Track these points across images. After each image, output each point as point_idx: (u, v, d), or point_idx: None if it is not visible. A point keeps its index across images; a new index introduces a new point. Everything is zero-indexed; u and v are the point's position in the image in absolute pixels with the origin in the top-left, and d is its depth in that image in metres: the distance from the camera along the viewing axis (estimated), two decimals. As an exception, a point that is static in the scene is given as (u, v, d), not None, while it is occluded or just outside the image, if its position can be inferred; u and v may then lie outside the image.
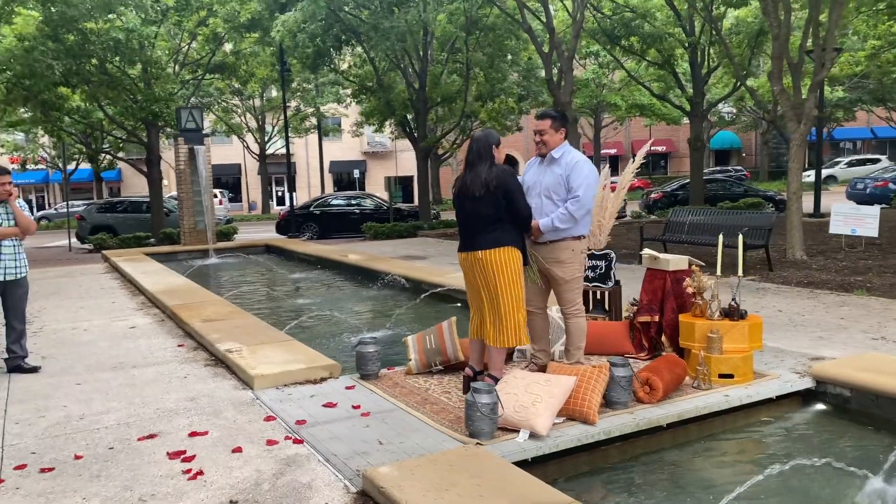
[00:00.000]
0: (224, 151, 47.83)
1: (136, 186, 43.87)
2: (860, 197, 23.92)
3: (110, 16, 16.91)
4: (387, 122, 24.60)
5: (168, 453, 4.01)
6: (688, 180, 23.25)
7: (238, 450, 4.02)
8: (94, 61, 18.12)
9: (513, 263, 4.48)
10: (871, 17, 22.37)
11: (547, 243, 4.86)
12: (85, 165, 36.32)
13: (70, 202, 26.13)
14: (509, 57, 23.29)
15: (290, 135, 39.28)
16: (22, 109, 22.21)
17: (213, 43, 20.75)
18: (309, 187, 48.26)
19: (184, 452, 4.00)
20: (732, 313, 5.00)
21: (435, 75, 21.48)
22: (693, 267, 5.21)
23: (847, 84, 29.84)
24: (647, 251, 5.52)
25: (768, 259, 10.05)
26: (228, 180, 49.69)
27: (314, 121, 37.52)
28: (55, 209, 39.38)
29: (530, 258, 4.80)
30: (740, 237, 5.19)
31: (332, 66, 22.27)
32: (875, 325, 6.63)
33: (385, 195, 23.07)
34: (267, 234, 22.50)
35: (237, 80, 24.68)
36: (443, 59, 22.21)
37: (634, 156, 6.37)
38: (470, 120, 25.97)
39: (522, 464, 3.81)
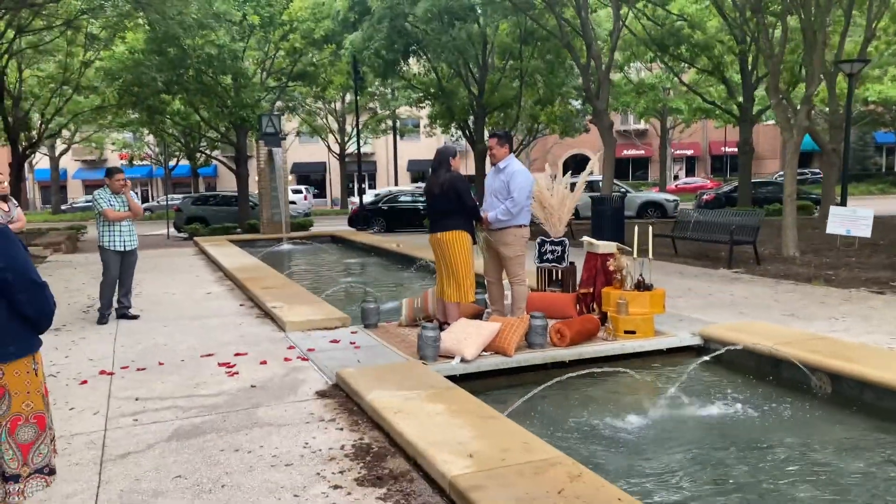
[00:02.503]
0: (311, 150, 51.02)
1: (230, 182, 47.27)
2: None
3: (204, 32, 19.46)
4: (451, 125, 26.49)
5: (218, 363, 5.95)
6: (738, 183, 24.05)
7: (264, 363, 5.92)
8: (191, 72, 20.81)
9: (462, 243, 6.21)
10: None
11: (497, 230, 6.57)
12: (184, 162, 39.89)
13: (171, 195, 29.30)
14: (571, 62, 24.61)
15: (368, 135, 41.89)
16: (131, 112, 25.36)
17: (293, 55, 23.17)
18: (388, 184, 50.75)
19: (228, 363, 5.94)
20: (639, 286, 6.56)
21: (493, 83, 23.15)
22: (615, 250, 6.79)
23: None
24: (585, 238, 7.10)
25: (756, 254, 11.29)
26: (316, 177, 52.92)
27: (391, 122, 39.78)
28: (157, 202, 43.29)
29: (479, 239, 6.51)
30: (650, 228, 6.71)
31: (401, 74, 24.29)
32: (798, 307, 7.95)
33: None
34: (341, 227, 24.72)
35: (317, 86, 27.09)
36: (502, 67, 23.84)
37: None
38: (537, 123, 27.52)
39: (453, 378, 5.52)
